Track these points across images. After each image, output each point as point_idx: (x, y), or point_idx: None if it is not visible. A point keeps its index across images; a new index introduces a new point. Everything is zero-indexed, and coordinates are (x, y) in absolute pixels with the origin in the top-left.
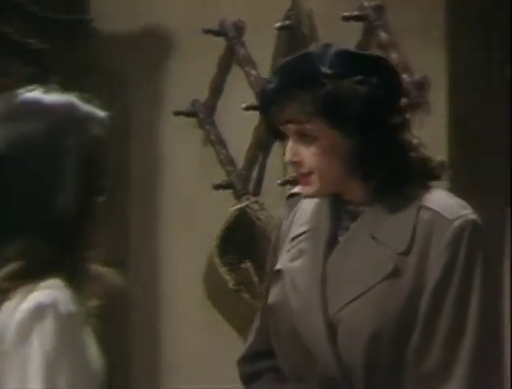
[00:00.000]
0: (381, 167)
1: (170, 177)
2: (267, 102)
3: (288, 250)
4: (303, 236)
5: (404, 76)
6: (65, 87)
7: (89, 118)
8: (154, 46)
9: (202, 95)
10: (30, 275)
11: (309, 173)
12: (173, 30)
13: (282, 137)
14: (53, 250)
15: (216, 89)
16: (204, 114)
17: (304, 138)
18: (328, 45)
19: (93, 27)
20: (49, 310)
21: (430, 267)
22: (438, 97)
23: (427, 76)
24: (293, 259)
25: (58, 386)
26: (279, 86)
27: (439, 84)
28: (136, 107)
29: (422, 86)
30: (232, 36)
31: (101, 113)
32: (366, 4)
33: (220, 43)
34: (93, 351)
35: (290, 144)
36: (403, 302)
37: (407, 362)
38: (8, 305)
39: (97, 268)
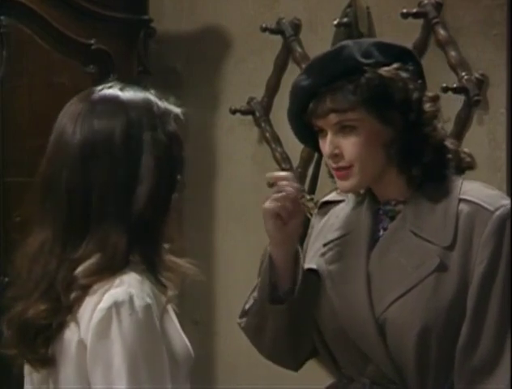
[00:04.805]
0: (422, 155)
1: (225, 174)
2: (304, 98)
3: (323, 254)
4: (340, 239)
5: (463, 74)
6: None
7: (165, 114)
8: (211, 45)
9: (259, 93)
10: (107, 269)
11: (349, 166)
12: (230, 29)
13: (311, 141)
14: (130, 242)
15: (272, 87)
16: (260, 112)
17: (343, 129)
18: (358, 40)
19: (152, 26)
20: (124, 307)
21: (474, 260)
22: (498, 95)
23: (486, 74)
24: (332, 262)
25: (141, 377)
26: (318, 79)
27: (499, 82)
28: (193, 105)
29: (481, 83)
30: (288, 34)
31: (177, 110)
32: (425, 1)
33: (277, 41)
34: (179, 337)
35: (329, 137)
36: (449, 297)
37: (456, 356)
38: (89, 301)
39: (173, 259)
